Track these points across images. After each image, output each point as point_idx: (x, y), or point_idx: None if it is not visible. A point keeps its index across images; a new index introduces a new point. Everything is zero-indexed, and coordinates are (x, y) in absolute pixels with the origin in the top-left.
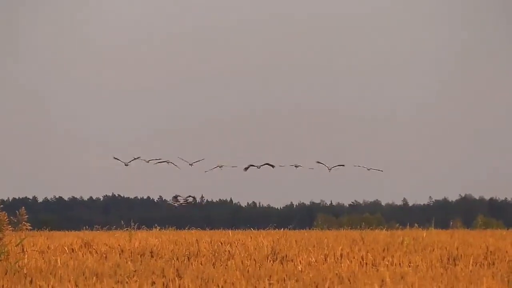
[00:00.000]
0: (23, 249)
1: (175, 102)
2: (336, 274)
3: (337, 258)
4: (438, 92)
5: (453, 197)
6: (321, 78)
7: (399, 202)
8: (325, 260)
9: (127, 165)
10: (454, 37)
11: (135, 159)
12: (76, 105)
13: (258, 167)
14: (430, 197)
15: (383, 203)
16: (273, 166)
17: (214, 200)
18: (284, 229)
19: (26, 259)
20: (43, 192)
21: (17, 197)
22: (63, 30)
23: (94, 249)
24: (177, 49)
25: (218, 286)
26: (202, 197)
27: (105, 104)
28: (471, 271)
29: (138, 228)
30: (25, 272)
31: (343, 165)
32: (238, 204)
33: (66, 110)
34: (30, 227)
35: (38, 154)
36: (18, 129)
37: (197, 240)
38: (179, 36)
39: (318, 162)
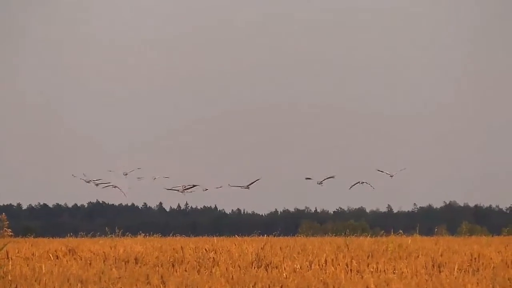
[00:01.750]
0: (7, 256)
1: (175, 102)
2: (321, 280)
3: (322, 265)
4: (429, 100)
5: (437, 204)
6: (322, 77)
7: (383, 209)
8: (310, 266)
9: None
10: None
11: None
12: (66, 111)
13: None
14: (414, 204)
15: (367, 210)
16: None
17: (199, 207)
18: (268, 236)
19: (10, 265)
20: (27, 199)
21: (1, 204)
22: (65, 33)
23: (78, 255)
24: (177, 49)
25: None
26: (186, 204)
27: (97, 109)
28: (455, 277)
29: (123, 235)
30: (9, 278)
31: (404, 168)
32: (223, 211)
33: (54, 115)
34: (12, 234)
35: (23, 161)
36: (4, 137)
37: (182, 247)
38: (180, 36)
39: (379, 171)
